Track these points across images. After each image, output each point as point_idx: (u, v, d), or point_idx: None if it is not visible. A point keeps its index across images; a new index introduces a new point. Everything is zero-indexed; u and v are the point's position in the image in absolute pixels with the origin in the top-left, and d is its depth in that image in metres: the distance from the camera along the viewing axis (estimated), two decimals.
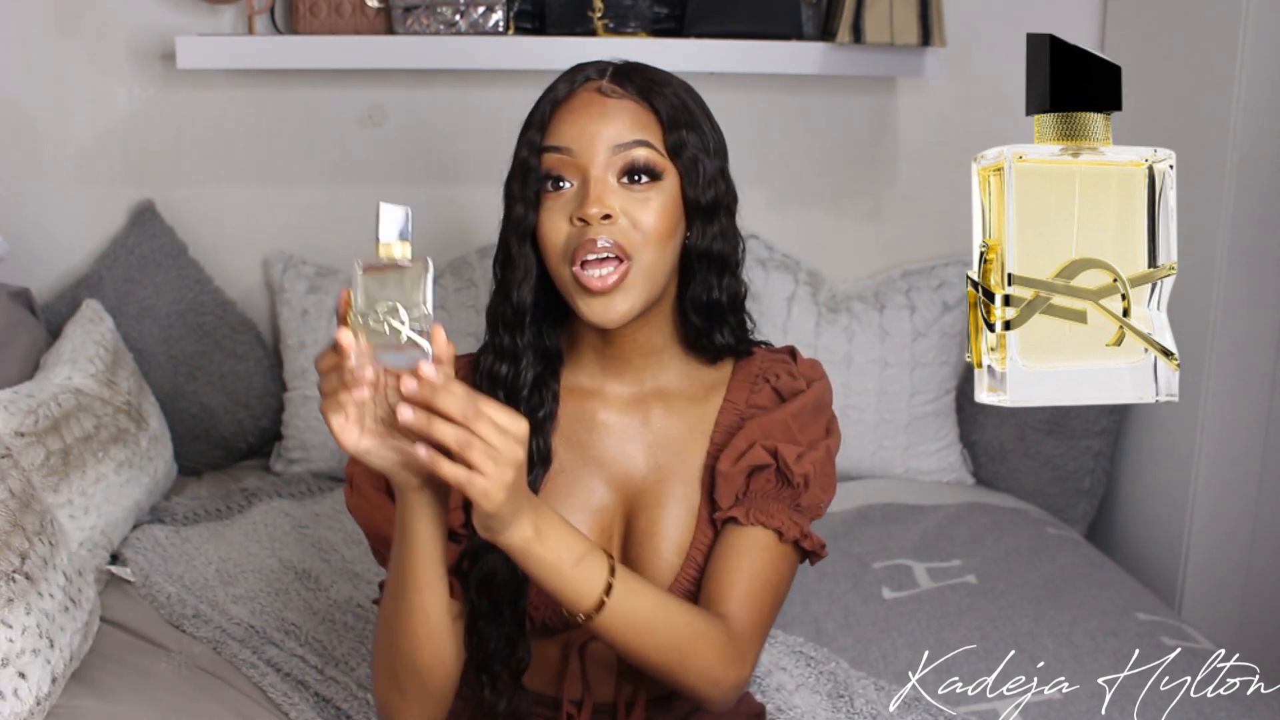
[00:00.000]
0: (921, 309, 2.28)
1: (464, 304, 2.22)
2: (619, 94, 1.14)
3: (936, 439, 2.29)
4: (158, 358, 2.19)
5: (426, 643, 1.08)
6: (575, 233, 1.11)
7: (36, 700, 1.31)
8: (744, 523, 1.16)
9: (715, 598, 1.14)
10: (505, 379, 1.18)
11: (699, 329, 1.21)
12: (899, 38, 2.10)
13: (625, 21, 2.16)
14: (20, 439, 1.61)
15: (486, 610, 1.15)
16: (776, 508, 1.18)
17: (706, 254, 1.17)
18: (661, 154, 1.14)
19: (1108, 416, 2.26)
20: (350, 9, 2.12)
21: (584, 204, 1.10)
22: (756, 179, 2.35)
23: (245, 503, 2.06)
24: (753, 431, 1.19)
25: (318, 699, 1.50)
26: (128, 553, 1.83)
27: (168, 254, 2.23)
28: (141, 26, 2.21)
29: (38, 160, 2.25)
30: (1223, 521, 2.09)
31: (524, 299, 1.17)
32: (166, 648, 1.58)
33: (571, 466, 1.21)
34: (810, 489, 1.19)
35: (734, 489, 1.17)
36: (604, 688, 1.23)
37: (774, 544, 1.17)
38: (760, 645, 1.16)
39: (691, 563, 1.18)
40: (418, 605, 1.07)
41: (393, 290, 0.91)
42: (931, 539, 1.98)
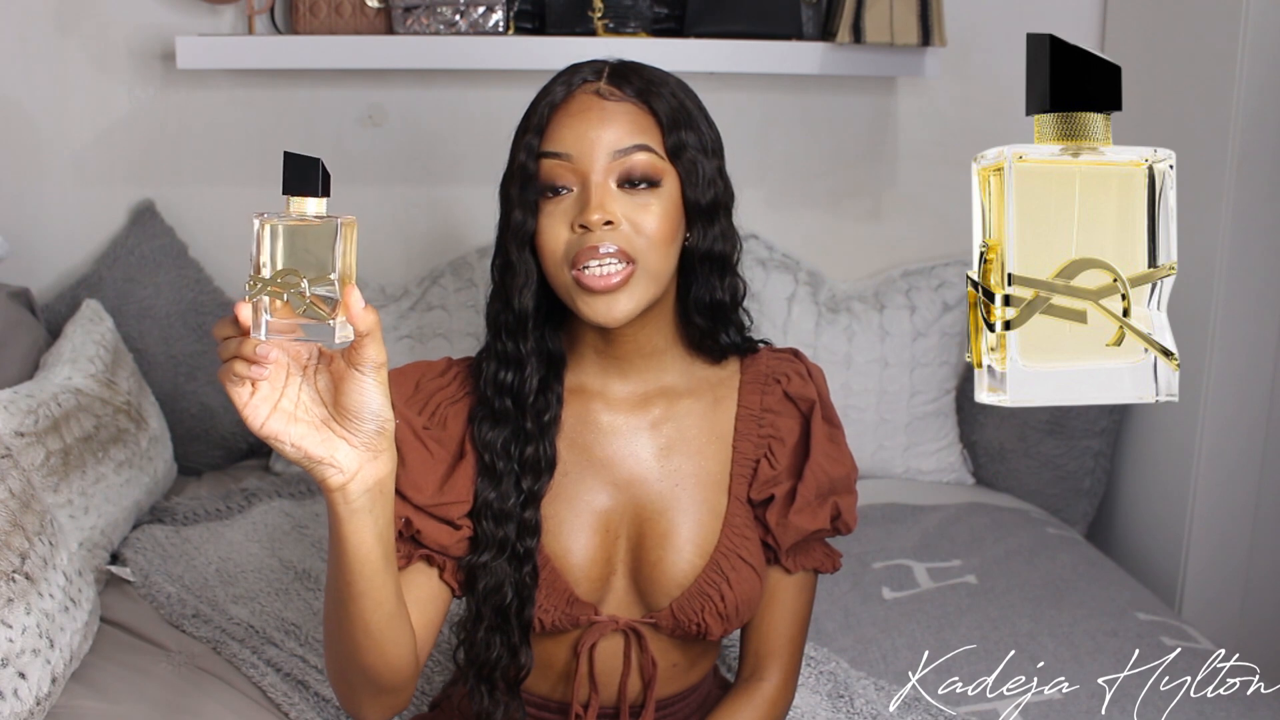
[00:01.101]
0: (921, 309, 2.28)
1: (464, 304, 2.22)
2: (617, 96, 1.13)
3: (936, 439, 2.29)
4: (158, 358, 2.20)
5: (370, 649, 1.02)
6: (576, 239, 1.10)
7: (36, 700, 1.31)
8: (792, 570, 1.25)
9: (761, 650, 1.26)
10: (510, 385, 1.18)
11: (703, 329, 1.21)
12: (899, 38, 2.10)
13: (625, 21, 2.16)
14: (20, 439, 1.61)
15: (492, 619, 1.15)
16: (816, 546, 1.27)
17: (708, 255, 1.17)
18: (661, 157, 1.13)
19: (1108, 416, 2.26)
20: (350, 9, 2.12)
21: (585, 210, 1.09)
22: (756, 179, 2.35)
23: (245, 503, 2.06)
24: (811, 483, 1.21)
25: (318, 699, 1.50)
26: (128, 553, 1.83)
27: (168, 254, 2.24)
28: (141, 26, 2.21)
29: (38, 160, 2.25)
30: (1223, 521, 2.09)
31: (525, 304, 1.16)
32: (166, 648, 1.58)
33: (575, 469, 1.21)
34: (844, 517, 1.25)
35: (794, 539, 1.23)
36: (611, 689, 1.23)
37: (812, 581, 1.28)
38: (799, 669, 1.29)
39: (714, 566, 1.19)
40: (355, 613, 0.99)
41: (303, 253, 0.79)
42: (931, 539, 1.98)
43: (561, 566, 1.18)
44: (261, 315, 0.80)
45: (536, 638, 1.20)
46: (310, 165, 0.79)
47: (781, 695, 1.26)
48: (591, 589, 1.19)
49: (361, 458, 0.91)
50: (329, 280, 0.79)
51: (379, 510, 0.95)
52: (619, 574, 1.21)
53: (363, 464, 0.91)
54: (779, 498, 1.21)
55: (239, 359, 0.84)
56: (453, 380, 1.22)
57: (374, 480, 0.93)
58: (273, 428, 0.87)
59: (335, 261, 0.79)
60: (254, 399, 0.86)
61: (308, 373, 0.89)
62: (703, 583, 1.18)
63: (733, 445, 1.22)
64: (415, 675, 1.09)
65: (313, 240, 0.79)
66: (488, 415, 1.18)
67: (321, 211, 0.80)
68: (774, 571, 1.25)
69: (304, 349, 0.86)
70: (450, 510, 1.15)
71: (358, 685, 1.07)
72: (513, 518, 1.15)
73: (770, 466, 1.22)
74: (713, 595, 1.18)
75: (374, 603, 0.99)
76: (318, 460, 0.90)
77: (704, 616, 1.18)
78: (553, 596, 1.17)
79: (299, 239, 0.79)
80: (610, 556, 1.20)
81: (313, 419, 0.90)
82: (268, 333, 0.80)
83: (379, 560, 0.97)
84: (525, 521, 1.16)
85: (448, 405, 1.20)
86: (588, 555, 1.19)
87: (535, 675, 1.23)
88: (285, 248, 0.79)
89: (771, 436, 1.23)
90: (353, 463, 0.91)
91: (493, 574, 1.14)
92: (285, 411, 0.88)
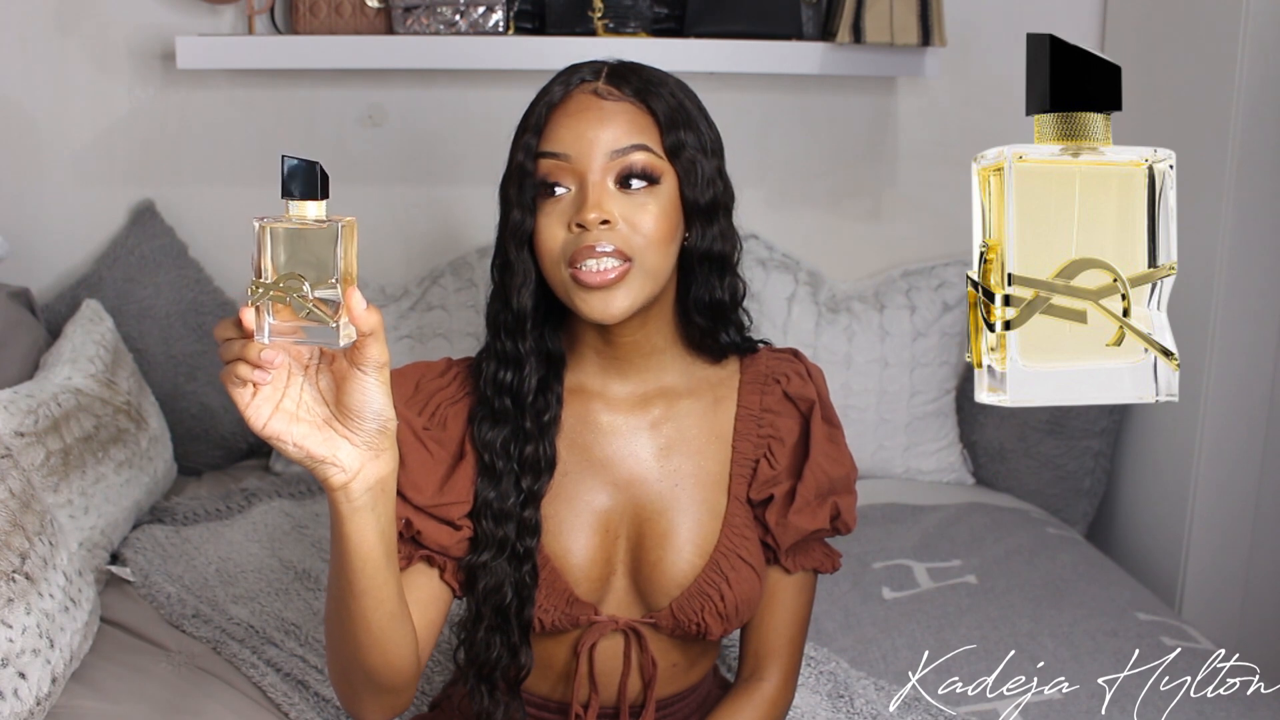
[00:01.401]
0: (921, 309, 2.28)
1: (464, 304, 2.22)
2: (615, 96, 1.13)
3: (936, 439, 2.29)
4: (157, 358, 2.19)
5: (371, 648, 1.02)
6: (573, 238, 1.10)
7: (36, 700, 1.31)
8: (791, 570, 1.25)
9: (760, 650, 1.26)
10: (510, 385, 1.18)
11: (704, 329, 1.21)
12: (899, 38, 2.10)
13: (625, 21, 2.16)
14: (20, 439, 1.61)
15: (492, 619, 1.15)
16: (815, 546, 1.26)
17: (708, 255, 1.17)
18: (660, 156, 1.13)
19: (1108, 416, 2.26)
20: (350, 9, 2.12)
21: (582, 210, 1.09)
22: (756, 179, 2.35)
23: (245, 503, 2.06)
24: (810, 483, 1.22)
25: (318, 699, 1.50)
26: (127, 553, 1.83)
27: (168, 254, 2.23)
28: (141, 26, 2.21)
29: (38, 160, 2.25)
30: (1223, 521, 2.09)
31: (524, 304, 1.16)
32: (166, 648, 1.58)
33: (575, 469, 1.21)
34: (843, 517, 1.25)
35: (793, 539, 1.22)
36: (611, 689, 1.23)
37: (811, 581, 1.28)
38: (799, 669, 1.30)
39: (714, 565, 1.19)
40: (357, 611, 1.00)
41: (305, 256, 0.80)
42: (931, 539, 1.98)
43: (561, 566, 1.18)
44: (264, 319, 0.81)
45: (536, 638, 1.20)
46: (309, 169, 0.80)
47: (781, 695, 1.26)
48: (591, 589, 1.19)
49: (363, 456, 0.92)
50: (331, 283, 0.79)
51: (381, 509, 0.95)
52: (619, 574, 1.21)
53: (365, 463, 0.92)
54: (778, 498, 1.21)
55: (242, 361, 0.84)
56: (452, 380, 1.22)
57: (376, 479, 0.93)
58: (275, 428, 0.88)
59: (336, 264, 0.79)
60: (256, 400, 0.87)
61: (309, 372, 0.90)
62: (702, 582, 1.18)
63: (732, 445, 1.22)
64: (416, 676, 1.09)
65: (313, 243, 0.79)
66: (487, 415, 1.18)
67: (322, 215, 0.80)
68: (774, 571, 1.25)
69: (306, 350, 0.86)
70: (450, 510, 1.15)
71: (359, 685, 1.07)
72: (512, 517, 1.15)
73: (770, 466, 1.22)
74: (712, 595, 1.18)
75: (376, 601, 0.99)
76: (320, 459, 0.90)
77: (704, 616, 1.18)
78: (552, 596, 1.17)
79: (300, 242, 0.79)
80: (610, 556, 1.20)
81: (315, 419, 0.90)
82: (270, 335, 0.81)
83: (381, 559, 0.97)
84: (525, 521, 1.16)
85: (448, 406, 1.20)
86: (587, 555, 1.19)
87: (535, 675, 1.23)
88: (286, 251, 0.79)
89: (771, 436, 1.23)
90: (355, 461, 0.91)
91: (492, 574, 1.14)
92: (287, 412, 0.89)
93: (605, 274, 1.09)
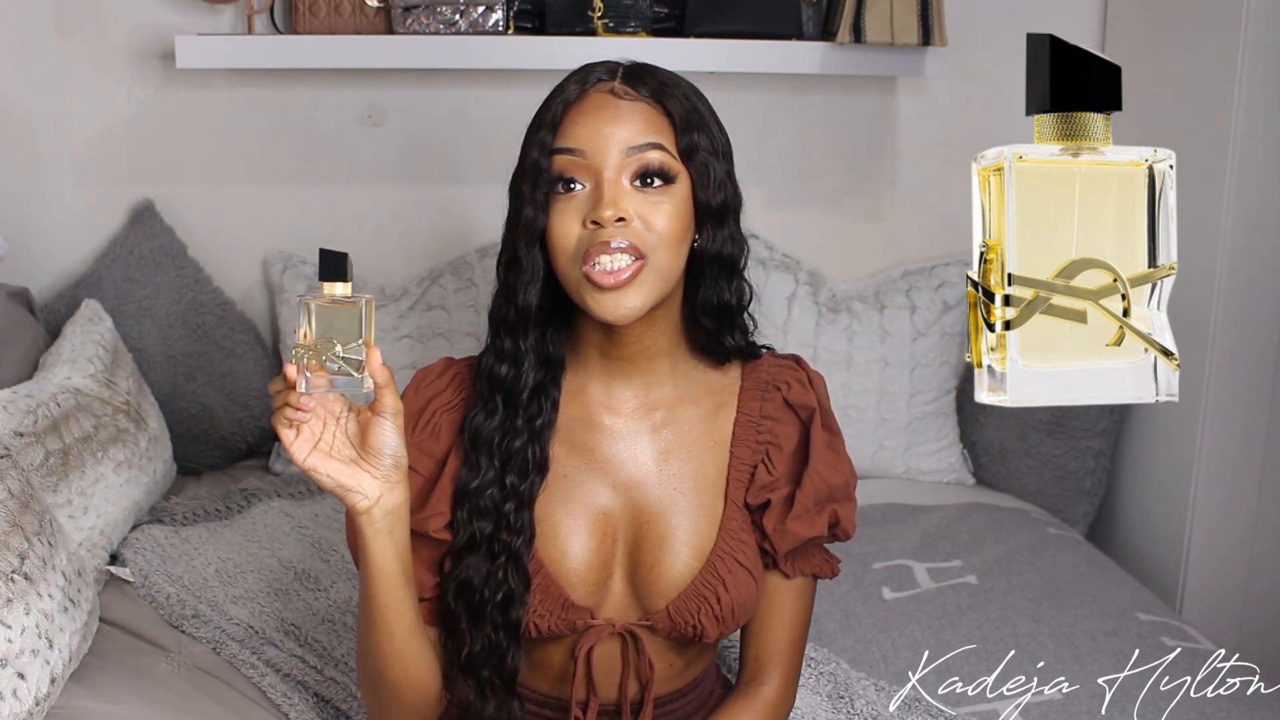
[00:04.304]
0: (921, 309, 2.28)
1: (464, 304, 2.22)
2: (631, 95, 1.14)
3: (937, 439, 2.29)
4: (157, 357, 2.19)
5: (394, 660, 1.13)
6: (587, 235, 1.10)
7: (36, 701, 1.31)
8: (791, 576, 1.25)
9: (761, 655, 1.27)
10: (505, 381, 1.18)
11: (709, 332, 1.21)
12: (899, 37, 2.10)
13: (625, 21, 2.15)
14: (19, 439, 1.61)
15: (465, 614, 1.15)
16: (815, 551, 1.26)
17: (717, 257, 1.17)
18: (674, 156, 1.13)
19: (1108, 416, 2.26)
20: (350, 8, 2.12)
21: (598, 206, 1.09)
22: (757, 179, 2.35)
23: (245, 503, 2.05)
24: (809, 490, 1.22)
25: (317, 699, 1.50)
26: (127, 553, 1.83)
27: (167, 254, 2.23)
28: (141, 26, 2.21)
29: (38, 160, 2.25)
30: (1223, 521, 2.09)
31: (529, 301, 1.16)
32: (166, 648, 1.58)
33: (575, 470, 1.21)
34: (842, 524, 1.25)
35: (791, 545, 1.23)
36: (609, 690, 1.23)
37: (811, 586, 1.28)
38: (799, 673, 1.30)
39: (711, 568, 1.19)
40: (380, 624, 1.12)
41: (335, 325, 1.03)
42: (932, 539, 1.98)
43: (556, 571, 1.18)
44: (303, 374, 1.03)
45: (532, 641, 1.20)
46: (339, 258, 1.04)
47: (782, 700, 1.26)
48: (589, 592, 1.19)
49: (381, 487, 1.08)
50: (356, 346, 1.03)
51: (398, 531, 1.10)
52: (616, 576, 1.21)
53: (383, 492, 1.08)
54: (776, 503, 1.21)
55: (289, 406, 1.04)
56: (450, 382, 1.22)
57: (393, 505, 1.09)
58: (312, 463, 1.06)
59: (361, 332, 1.03)
60: (299, 440, 1.05)
61: (340, 422, 1.08)
62: (699, 585, 1.18)
63: (730, 450, 1.22)
64: (439, 698, 1.19)
65: (342, 316, 1.03)
66: (480, 408, 1.18)
67: (348, 293, 1.04)
68: (773, 576, 1.25)
69: (337, 403, 1.08)
70: (427, 524, 1.17)
71: (386, 699, 1.17)
72: (490, 513, 1.16)
73: (767, 472, 1.22)
74: (709, 597, 1.18)
75: (397, 614, 1.12)
76: (347, 489, 1.07)
77: (700, 619, 1.18)
78: (548, 602, 1.17)
79: (331, 314, 1.04)
80: (608, 559, 1.20)
81: (344, 457, 1.07)
82: (308, 387, 1.03)
83: (399, 575, 1.11)
84: (509, 519, 1.16)
85: (443, 412, 1.21)
86: (586, 558, 1.19)
87: (534, 675, 1.23)
88: (319, 321, 1.03)
89: (770, 443, 1.23)
90: (375, 491, 1.07)
91: (466, 569, 1.15)
92: (323, 451, 1.06)
93: (619, 272, 1.09)
